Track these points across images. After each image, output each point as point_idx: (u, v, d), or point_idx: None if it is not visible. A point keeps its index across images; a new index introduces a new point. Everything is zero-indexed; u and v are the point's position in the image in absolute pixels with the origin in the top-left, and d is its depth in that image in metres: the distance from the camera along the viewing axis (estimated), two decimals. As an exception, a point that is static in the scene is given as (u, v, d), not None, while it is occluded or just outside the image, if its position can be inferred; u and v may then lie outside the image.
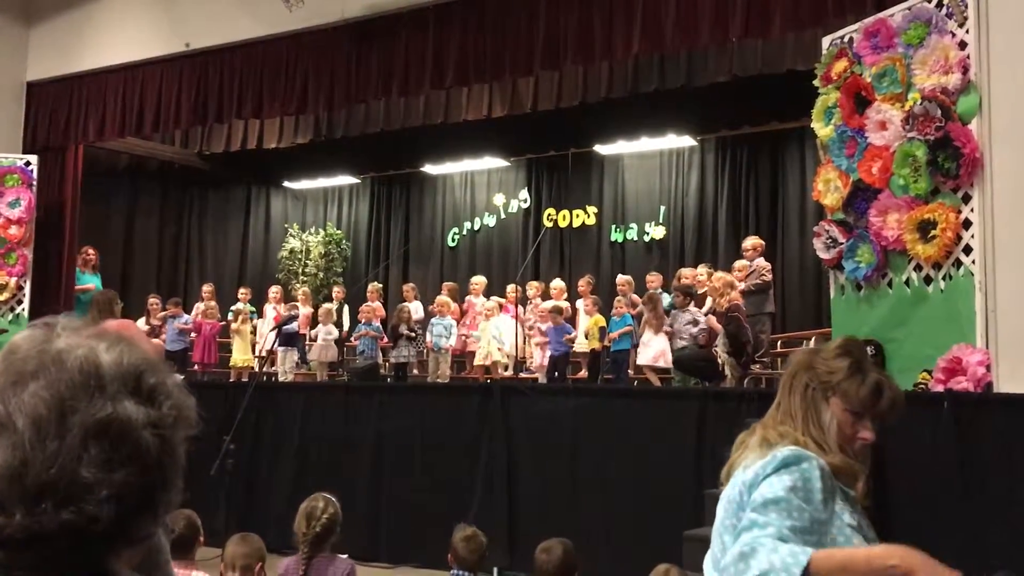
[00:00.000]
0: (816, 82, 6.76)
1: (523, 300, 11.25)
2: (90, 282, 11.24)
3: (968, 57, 5.94)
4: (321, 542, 4.11)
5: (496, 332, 10.81)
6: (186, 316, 12.02)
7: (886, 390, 2.07)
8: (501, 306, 11.30)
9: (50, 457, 0.91)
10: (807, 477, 1.90)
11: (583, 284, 10.96)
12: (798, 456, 1.93)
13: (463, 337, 11.35)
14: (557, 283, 11.47)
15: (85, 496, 0.91)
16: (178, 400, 1.02)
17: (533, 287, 11.56)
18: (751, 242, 9.83)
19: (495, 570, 7.11)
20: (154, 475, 0.97)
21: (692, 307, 9.15)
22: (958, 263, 5.95)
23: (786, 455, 1.94)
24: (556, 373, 10.05)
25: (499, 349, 10.80)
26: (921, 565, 1.69)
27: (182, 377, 1.13)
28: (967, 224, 5.93)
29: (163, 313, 11.88)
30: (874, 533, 2.02)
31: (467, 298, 11.89)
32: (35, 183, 10.60)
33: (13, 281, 10.45)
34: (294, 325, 11.35)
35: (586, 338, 10.18)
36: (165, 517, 1.03)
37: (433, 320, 11.01)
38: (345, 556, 4.26)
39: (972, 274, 5.86)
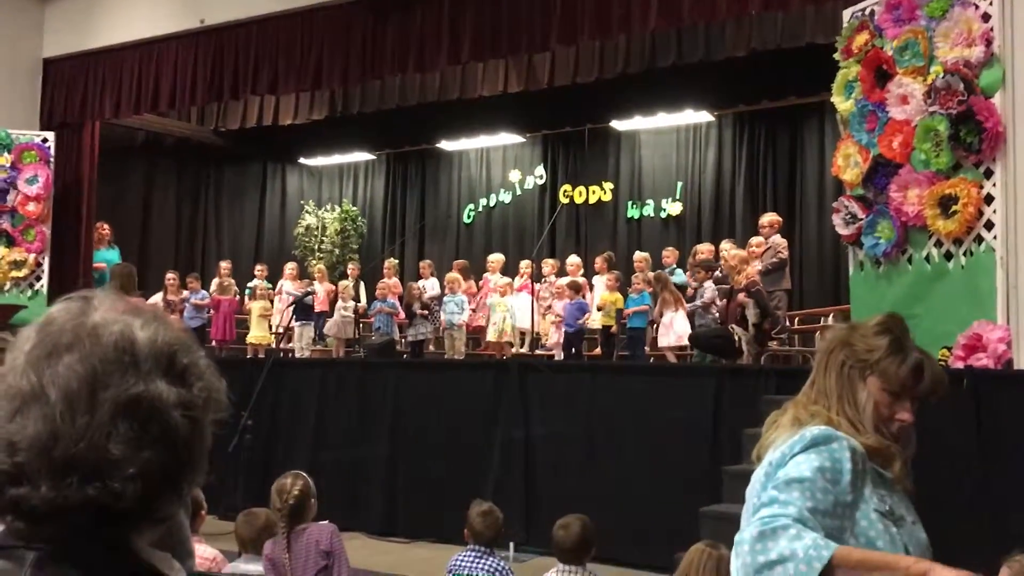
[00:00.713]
0: (836, 55, 6.67)
1: (537, 276, 11.23)
2: (105, 258, 11.31)
3: (992, 29, 5.85)
4: (296, 516, 4.15)
5: (509, 309, 10.80)
6: (203, 292, 12.07)
7: (927, 370, 1.99)
8: (513, 285, 11.27)
9: (79, 431, 0.92)
10: (836, 458, 1.85)
11: (600, 260, 10.91)
12: (827, 436, 1.88)
13: (479, 313, 11.36)
14: (573, 259, 11.43)
15: (112, 472, 0.92)
16: (209, 382, 1.02)
17: (548, 264, 11.52)
18: (768, 219, 9.76)
19: (511, 545, 7.14)
20: (181, 455, 0.97)
21: (708, 282, 9.11)
22: (979, 239, 5.89)
23: (815, 434, 1.88)
24: (572, 350, 10.04)
25: (513, 327, 10.80)
26: (940, 569, 1.63)
27: None
28: (989, 199, 5.86)
29: (186, 293, 11.93)
30: (915, 515, 1.97)
31: (484, 275, 11.87)
32: (52, 160, 10.64)
33: (32, 257, 10.51)
34: (309, 299, 11.38)
35: (599, 311, 10.14)
36: (188, 496, 1.03)
37: (445, 297, 11.02)
38: (326, 522, 4.29)
39: (993, 250, 5.80)
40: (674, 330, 9.37)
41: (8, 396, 0.95)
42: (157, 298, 11.60)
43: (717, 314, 8.84)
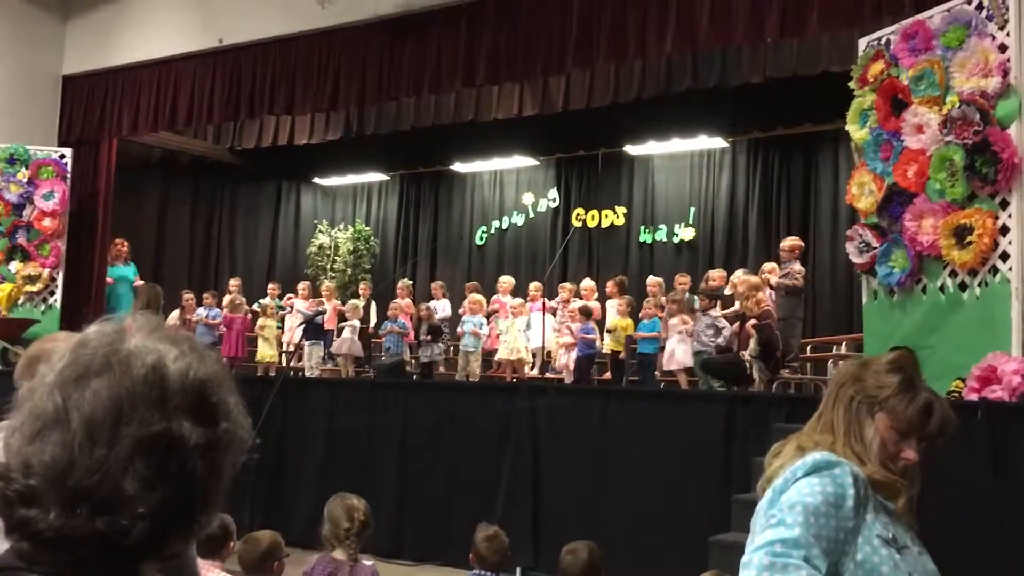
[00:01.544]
0: (852, 84, 6.68)
1: (551, 298, 11.21)
2: (122, 274, 11.34)
3: (1008, 60, 5.83)
4: (361, 538, 4.10)
5: (524, 330, 10.77)
6: (217, 311, 12.10)
7: (936, 411, 1.98)
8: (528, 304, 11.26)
9: (96, 463, 0.91)
10: (839, 483, 1.84)
11: (612, 284, 10.86)
12: (830, 461, 1.87)
13: (494, 336, 11.34)
14: (587, 283, 11.41)
15: (122, 509, 0.90)
16: (235, 422, 1.00)
17: (565, 290, 11.47)
18: (789, 243, 9.42)
19: (519, 570, 7.09)
20: (195, 496, 0.96)
21: (714, 311, 9.04)
22: (994, 270, 5.85)
23: (817, 459, 1.88)
24: (582, 375, 10.00)
25: (525, 348, 10.77)
26: None
27: None
28: (1004, 230, 5.83)
29: (201, 310, 11.95)
30: (922, 546, 1.95)
31: (495, 297, 11.86)
32: (69, 176, 10.71)
33: (46, 272, 10.56)
34: (320, 319, 11.39)
35: (608, 334, 10.09)
36: (199, 535, 1.01)
37: (464, 318, 11.01)
38: (371, 563, 4.24)
39: (1009, 281, 5.76)
40: (675, 357, 9.31)
41: (32, 416, 0.94)
42: (174, 316, 11.63)
43: (718, 341, 8.74)
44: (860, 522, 1.84)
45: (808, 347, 10.14)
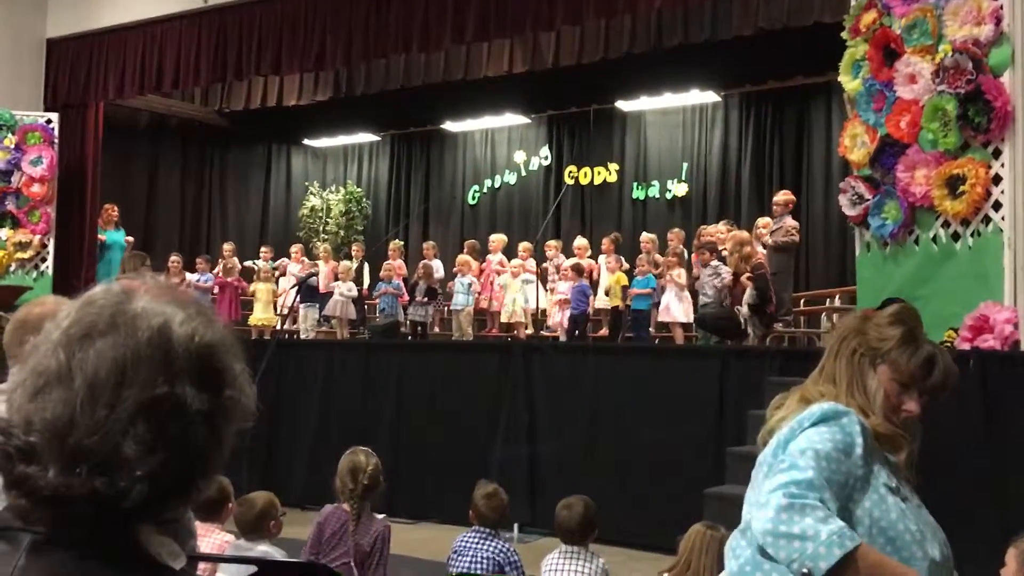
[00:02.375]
0: (844, 34, 6.61)
1: (541, 257, 11.20)
2: (113, 238, 11.29)
3: (1001, 8, 5.79)
4: (368, 496, 4.11)
5: (521, 290, 10.79)
6: (209, 275, 12.07)
7: (938, 364, 1.99)
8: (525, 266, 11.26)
9: (97, 423, 0.90)
10: (848, 431, 1.85)
11: (607, 242, 10.85)
12: (837, 411, 1.88)
13: (481, 295, 11.36)
14: (580, 241, 11.40)
15: (121, 470, 0.90)
16: (240, 389, 0.99)
17: (552, 247, 11.47)
18: (782, 197, 9.45)
19: (516, 526, 7.16)
20: (195, 462, 0.95)
21: (715, 262, 9.06)
22: (987, 219, 5.85)
23: (825, 409, 1.88)
24: (576, 332, 10.03)
25: (523, 309, 10.80)
26: None
27: None
28: (997, 180, 5.82)
29: (192, 275, 11.92)
30: (919, 500, 1.97)
31: (487, 256, 11.85)
32: (57, 141, 10.62)
33: (37, 239, 10.51)
34: (314, 281, 11.37)
35: (607, 295, 10.13)
36: (197, 500, 1.01)
37: (456, 278, 11.01)
38: (383, 516, 4.25)
39: (1001, 231, 5.76)
40: (671, 311, 9.36)
41: (36, 372, 0.93)
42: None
43: (722, 291, 8.78)
44: (867, 470, 1.85)
45: (801, 300, 10.16)
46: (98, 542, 0.92)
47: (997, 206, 5.80)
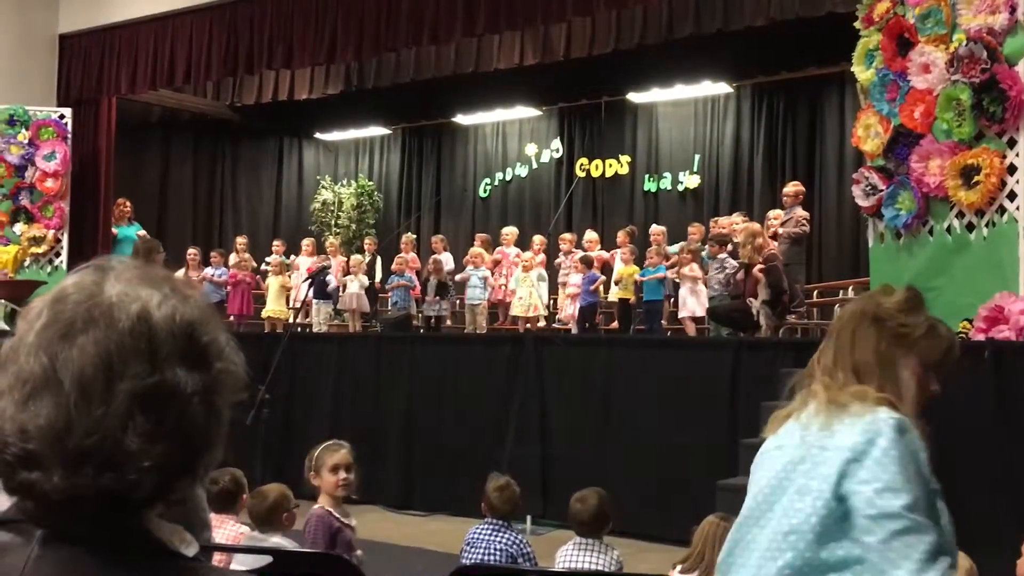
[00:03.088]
0: (857, 24, 6.57)
1: (554, 251, 11.18)
2: (126, 234, 11.34)
3: (1016, -4, 5.73)
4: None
5: (535, 284, 10.78)
6: (223, 269, 12.12)
7: (956, 344, 1.96)
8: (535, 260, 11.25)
9: (94, 422, 0.88)
10: (917, 445, 1.78)
11: (622, 235, 10.82)
12: (903, 424, 1.79)
13: (498, 287, 11.37)
14: (590, 235, 11.38)
15: (127, 464, 0.89)
16: (229, 360, 0.98)
17: (566, 241, 11.45)
18: (792, 188, 9.53)
19: (528, 519, 7.17)
20: (198, 443, 0.94)
21: (722, 255, 9.05)
22: (1002, 210, 5.82)
23: (893, 425, 1.78)
24: (586, 324, 10.02)
25: (541, 303, 10.80)
26: None
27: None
28: (1012, 169, 5.78)
29: (208, 269, 11.97)
30: None
31: (499, 249, 11.85)
32: (70, 136, 10.66)
33: (51, 234, 10.56)
34: (328, 276, 11.38)
35: (616, 285, 10.11)
36: (205, 478, 1.00)
37: (468, 269, 11.00)
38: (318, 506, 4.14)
39: (1016, 221, 5.73)
40: (687, 306, 9.37)
41: (20, 379, 0.91)
42: (179, 275, 11.62)
43: (728, 284, 8.79)
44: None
45: (814, 292, 10.13)
46: (109, 533, 0.91)
47: (1012, 196, 5.77)
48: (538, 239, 11.36)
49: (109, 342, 0.90)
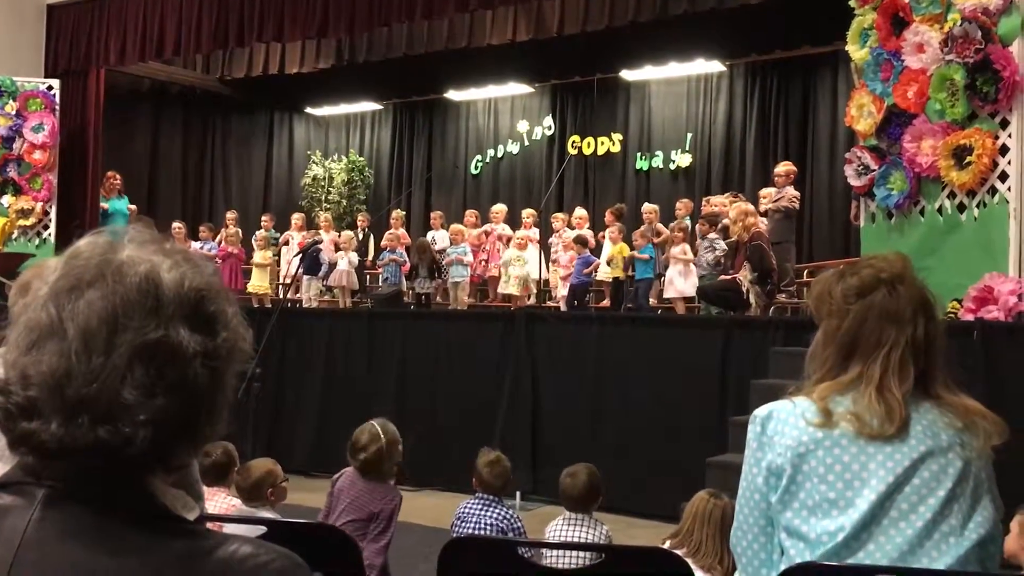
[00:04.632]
0: (852, 3, 6.55)
1: (545, 229, 11.18)
2: (116, 207, 11.28)
3: (1012, -24, 5.72)
4: (373, 468, 4.11)
5: (527, 262, 10.78)
6: (212, 243, 12.07)
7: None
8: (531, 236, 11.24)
9: (94, 372, 0.90)
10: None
11: (610, 213, 10.82)
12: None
13: (483, 263, 11.37)
14: (580, 212, 11.36)
15: (123, 416, 0.90)
16: (235, 331, 0.99)
17: (559, 219, 11.43)
18: (784, 168, 9.59)
19: (518, 494, 7.20)
20: (198, 405, 0.95)
21: (712, 235, 9.06)
22: (993, 190, 5.83)
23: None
24: (576, 302, 10.03)
25: (535, 281, 10.80)
26: None
27: None
28: (1004, 150, 5.79)
29: (196, 244, 11.91)
30: None
31: (487, 226, 11.83)
32: (58, 108, 10.56)
33: (39, 206, 10.49)
34: (318, 250, 11.34)
35: (609, 265, 10.12)
36: (205, 446, 1.01)
37: (448, 249, 11.00)
38: (392, 483, 4.24)
39: (1007, 201, 5.74)
40: (675, 286, 9.38)
41: (28, 327, 0.94)
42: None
43: (715, 264, 8.81)
44: None
45: (805, 271, 10.16)
46: (112, 495, 0.93)
47: (1004, 177, 5.78)
48: (527, 212, 11.33)
49: (116, 296, 0.93)
